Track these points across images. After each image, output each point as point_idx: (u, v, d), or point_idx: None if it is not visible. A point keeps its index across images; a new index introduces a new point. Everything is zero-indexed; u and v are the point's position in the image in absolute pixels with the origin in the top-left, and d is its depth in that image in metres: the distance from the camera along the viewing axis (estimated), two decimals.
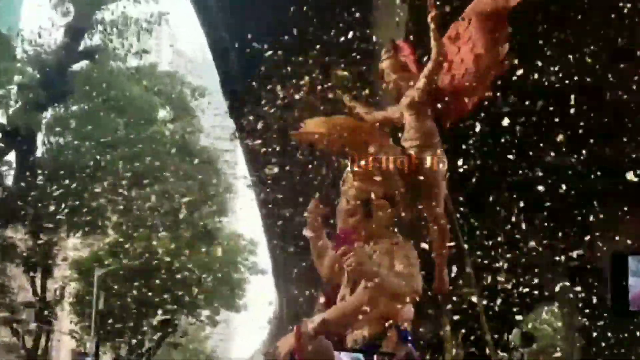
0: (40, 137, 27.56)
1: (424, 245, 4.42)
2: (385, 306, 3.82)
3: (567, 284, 12.57)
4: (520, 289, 10.96)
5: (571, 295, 13.43)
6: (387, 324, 3.84)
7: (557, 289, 12.73)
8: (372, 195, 4.05)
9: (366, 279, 3.66)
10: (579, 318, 13.77)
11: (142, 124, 27.66)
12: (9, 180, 27.33)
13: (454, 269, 5.43)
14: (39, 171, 26.32)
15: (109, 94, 26.69)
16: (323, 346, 3.60)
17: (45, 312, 27.54)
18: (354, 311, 3.82)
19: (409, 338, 3.92)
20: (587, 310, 13.24)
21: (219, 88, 14.46)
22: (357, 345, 3.87)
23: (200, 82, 33.08)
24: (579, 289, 12.19)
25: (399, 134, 4.61)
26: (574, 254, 11.15)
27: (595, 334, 13.23)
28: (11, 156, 27.46)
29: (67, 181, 24.64)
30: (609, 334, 12.79)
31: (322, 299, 4.33)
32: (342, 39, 7.74)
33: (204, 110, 30.86)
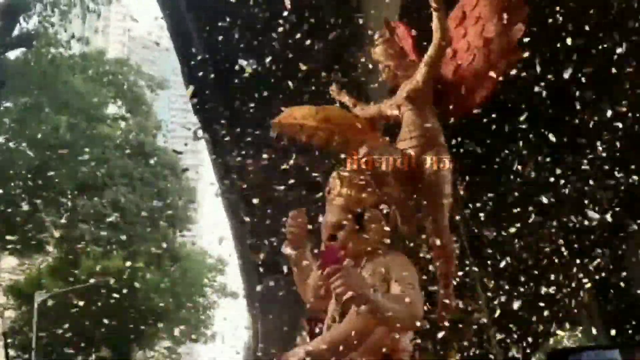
0: None
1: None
2: (379, 336, 3.79)
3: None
4: (538, 312, 10.95)
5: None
6: (381, 357, 3.82)
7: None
8: (364, 205, 4.02)
9: (357, 304, 3.62)
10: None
11: (89, 121, 27.46)
12: None
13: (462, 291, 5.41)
14: None
15: (49, 86, 26.46)
16: None
17: None
18: (343, 342, 3.78)
19: None
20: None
21: (180, 78, 14.41)
22: None
23: (158, 71, 33.02)
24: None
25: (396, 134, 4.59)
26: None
27: None
28: None
29: None
30: None
31: (305, 328, 4.30)
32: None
33: (163, 104, 30.81)
